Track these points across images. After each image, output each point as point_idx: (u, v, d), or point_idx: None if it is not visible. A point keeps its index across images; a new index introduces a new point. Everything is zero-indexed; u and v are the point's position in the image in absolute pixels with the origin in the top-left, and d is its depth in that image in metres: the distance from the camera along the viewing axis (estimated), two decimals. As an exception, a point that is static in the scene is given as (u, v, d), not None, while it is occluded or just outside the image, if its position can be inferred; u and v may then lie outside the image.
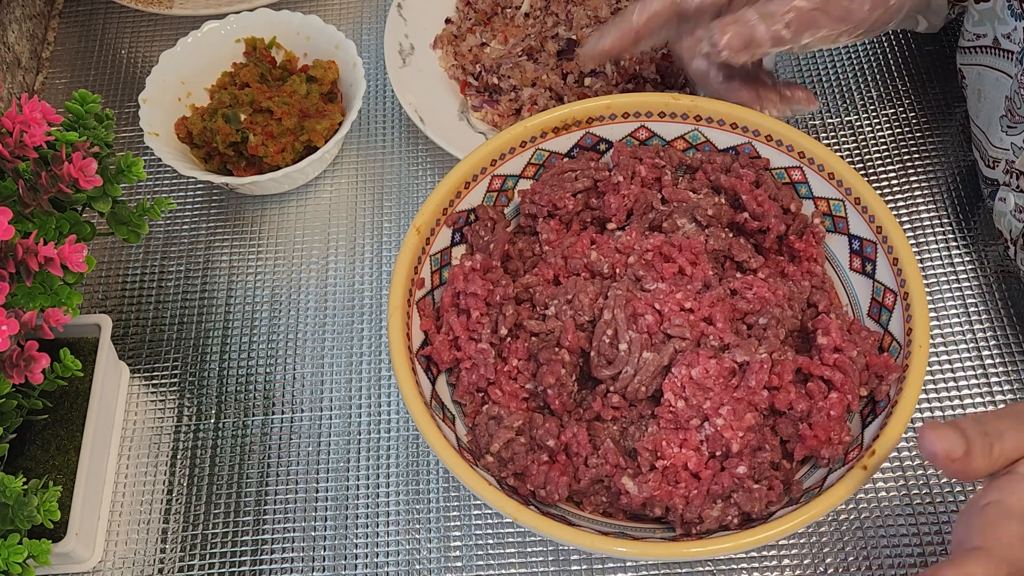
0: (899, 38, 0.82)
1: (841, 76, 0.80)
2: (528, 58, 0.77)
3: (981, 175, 0.69)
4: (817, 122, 0.78)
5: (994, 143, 0.65)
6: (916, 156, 0.76)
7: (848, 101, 0.79)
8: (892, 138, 0.77)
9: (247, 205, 0.76)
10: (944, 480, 0.62)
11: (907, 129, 0.77)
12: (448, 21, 0.82)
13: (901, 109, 0.78)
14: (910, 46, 0.82)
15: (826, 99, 0.79)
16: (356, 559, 0.62)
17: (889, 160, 0.76)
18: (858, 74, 0.80)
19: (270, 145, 0.71)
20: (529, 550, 0.61)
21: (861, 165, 0.76)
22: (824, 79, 0.80)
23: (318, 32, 0.76)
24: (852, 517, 0.61)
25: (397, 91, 0.76)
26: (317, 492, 0.64)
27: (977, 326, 0.68)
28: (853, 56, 0.82)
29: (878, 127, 0.78)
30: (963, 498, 0.61)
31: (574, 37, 0.77)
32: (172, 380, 0.69)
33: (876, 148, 0.76)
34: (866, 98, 0.79)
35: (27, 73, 0.83)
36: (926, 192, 0.74)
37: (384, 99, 0.82)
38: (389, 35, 0.79)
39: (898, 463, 0.63)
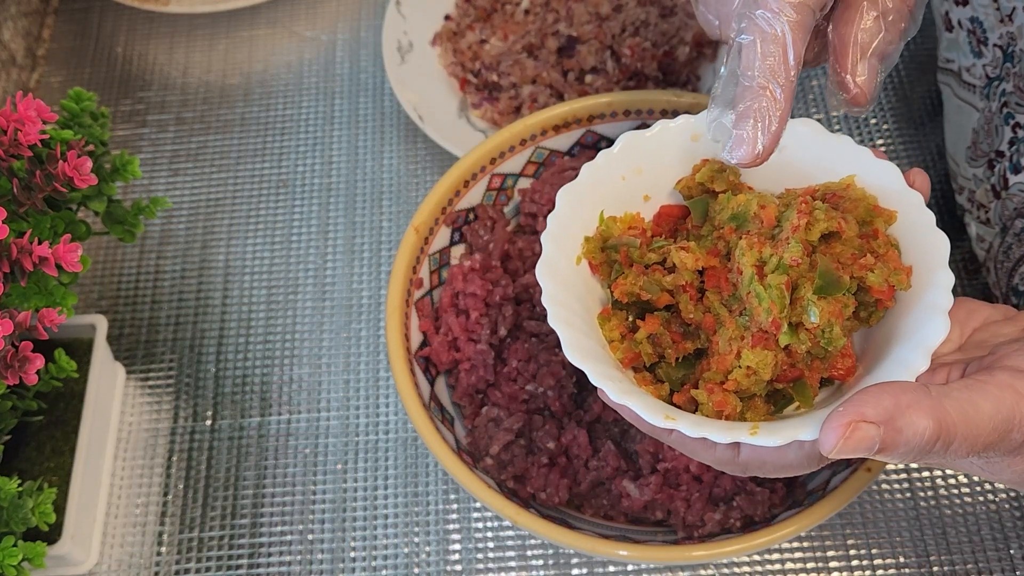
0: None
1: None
2: (528, 55, 0.77)
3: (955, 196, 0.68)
4: (821, 116, 0.78)
5: (961, 172, 0.65)
6: (916, 155, 0.75)
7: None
8: (898, 132, 0.76)
9: (243, 203, 0.76)
10: (950, 482, 0.62)
11: (910, 123, 0.77)
12: (447, 18, 0.81)
13: (905, 104, 0.78)
14: (915, 41, 0.81)
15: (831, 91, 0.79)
16: (354, 562, 0.61)
17: (894, 155, 0.75)
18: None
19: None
20: (529, 553, 0.61)
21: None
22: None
23: None
24: (856, 520, 0.61)
25: (396, 89, 0.75)
26: (314, 495, 0.63)
27: (981, 326, 0.67)
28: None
29: (883, 119, 0.77)
30: (969, 500, 0.61)
31: (574, 34, 0.76)
32: (168, 381, 0.68)
33: (880, 142, 0.76)
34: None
35: (22, 71, 0.82)
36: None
37: (383, 97, 0.81)
38: (388, 32, 0.78)
39: (903, 465, 0.62)
